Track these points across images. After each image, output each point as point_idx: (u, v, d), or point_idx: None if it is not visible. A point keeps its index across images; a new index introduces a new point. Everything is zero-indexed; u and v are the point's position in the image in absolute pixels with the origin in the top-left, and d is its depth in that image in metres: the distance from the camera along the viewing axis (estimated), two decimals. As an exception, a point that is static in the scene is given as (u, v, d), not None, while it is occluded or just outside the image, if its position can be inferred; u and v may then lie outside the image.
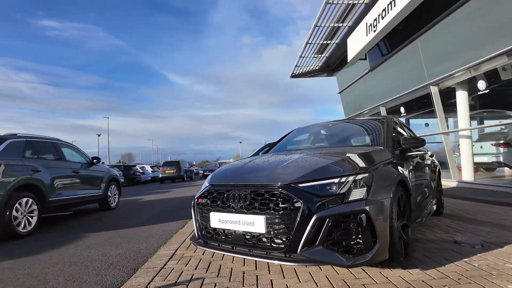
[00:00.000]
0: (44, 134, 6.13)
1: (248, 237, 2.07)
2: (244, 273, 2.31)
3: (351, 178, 1.98)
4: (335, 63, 15.25)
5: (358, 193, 1.94)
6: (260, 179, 2.19)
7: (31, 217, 4.52)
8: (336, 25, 11.15)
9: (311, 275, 2.18)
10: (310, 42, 12.43)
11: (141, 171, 23.20)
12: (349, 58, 11.21)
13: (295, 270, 2.27)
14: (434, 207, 3.86)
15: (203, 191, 2.47)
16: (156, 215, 5.97)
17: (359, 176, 2.00)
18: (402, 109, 10.80)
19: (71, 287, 2.27)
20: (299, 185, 1.99)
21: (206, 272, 2.38)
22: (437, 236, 3.08)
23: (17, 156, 4.56)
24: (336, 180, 1.98)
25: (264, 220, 1.97)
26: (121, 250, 3.30)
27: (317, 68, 16.11)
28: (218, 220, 2.22)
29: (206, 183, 2.55)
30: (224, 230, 2.21)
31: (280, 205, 1.96)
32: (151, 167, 28.20)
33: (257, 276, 2.23)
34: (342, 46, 12.45)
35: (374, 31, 8.76)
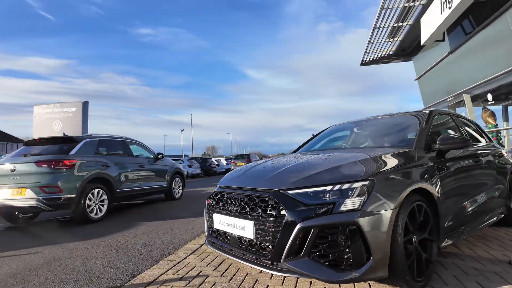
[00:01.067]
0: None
1: (242, 241, 2.08)
2: (247, 275, 2.33)
3: (346, 186, 1.81)
4: (410, 47, 13.67)
5: (351, 203, 1.76)
6: (256, 183, 2.16)
7: (102, 205, 5.32)
8: (407, 5, 9.98)
9: (310, 285, 2.08)
10: (378, 26, 11.39)
11: (216, 163, 24.94)
12: (423, 40, 9.93)
13: (297, 280, 2.19)
14: (501, 215, 3.22)
15: (213, 192, 2.55)
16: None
17: (356, 184, 1.81)
18: (489, 96, 9.13)
19: (104, 271, 2.62)
20: (288, 191, 1.91)
21: (213, 270, 2.48)
22: (488, 253, 2.58)
23: (90, 153, 5.39)
24: (328, 188, 1.83)
25: (253, 226, 1.96)
26: (160, 240, 3.65)
27: (390, 53, 14.68)
28: (219, 221, 2.28)
29: (218, 184, 2.63)
30: (224, 232, 2.26)
31: (268, 212, 1.91)
32: (226, 159, 30.03)
33: (256, 280, 2.23)
34: (416, 28, 11.09)
35: (449, 7, 7.56)
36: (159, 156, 7.43)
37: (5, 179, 4.78)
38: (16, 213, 5.36)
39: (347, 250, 1.71)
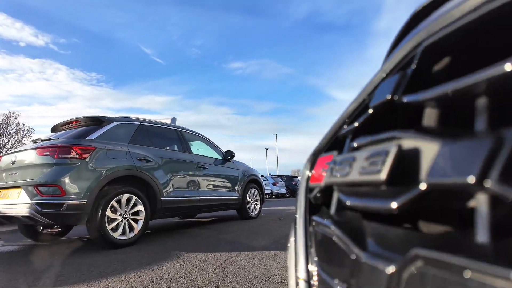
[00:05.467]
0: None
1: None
2: None
3: None
4: None
5: None
6: None
7: (135, 220, 3.36)
8: None
9: None
10: None
11: (300, 183, 22.32)
12: None
13: None
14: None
15: None
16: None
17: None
18: None
19: None
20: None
21: None
22: None
23: (122, 140, 3.56)
24: None
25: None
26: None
27: None
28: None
29: None
30: None
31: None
32: (311, 179, 27.15)
33: None
34: None
35: None
36: (228, 157, 5.31)
37: (3, 175, 3.27)
38: (38, 226, 3.86)
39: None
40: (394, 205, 0.22)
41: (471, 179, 0.16)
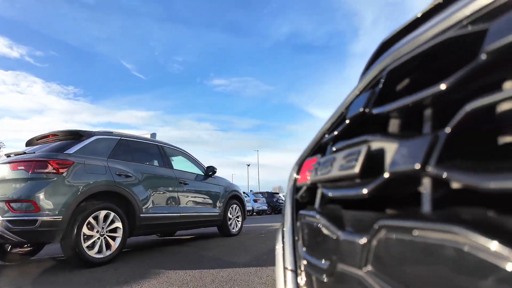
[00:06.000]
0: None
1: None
2: None
3: None
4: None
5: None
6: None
7: (113, 238, 3.26)
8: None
9: None
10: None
11: (284, 199, 22.37)
12: None
13: None
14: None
15: None
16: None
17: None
18: None
19: None
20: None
21: None
22: None
23: (102, 155, 3.50)
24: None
25: None
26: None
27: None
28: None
29: None
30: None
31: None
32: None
33: None
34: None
35: None
36: (210, 173, 5.28)
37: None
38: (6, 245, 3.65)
39: None
40: (365, 191, 0.28)
41: (417, 166, 0.23)
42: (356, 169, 0.30)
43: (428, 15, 0.35)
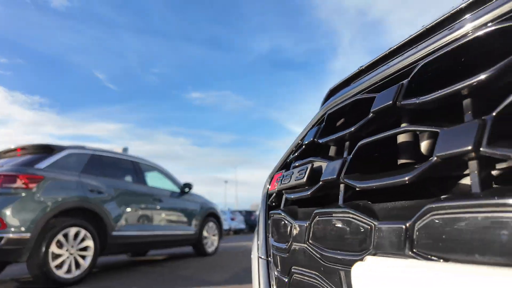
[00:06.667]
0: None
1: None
2: None
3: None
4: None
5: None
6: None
7: (83, 257, 3.19)
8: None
9: None
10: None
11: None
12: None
13: None
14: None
15: None
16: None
17: None
18: None
19: None
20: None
21: None
22: None
23: (74, 170, 3.46)
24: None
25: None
26: None
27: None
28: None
29: None
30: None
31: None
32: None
33: None
34: None
35: None
36: (186, 189, 5.25)
37: None
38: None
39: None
40: (309, 193, 0.44)
41: (333, 176, 0.38)
42: (304, 179, 0.45)
43: (373, 66, 0.51)
